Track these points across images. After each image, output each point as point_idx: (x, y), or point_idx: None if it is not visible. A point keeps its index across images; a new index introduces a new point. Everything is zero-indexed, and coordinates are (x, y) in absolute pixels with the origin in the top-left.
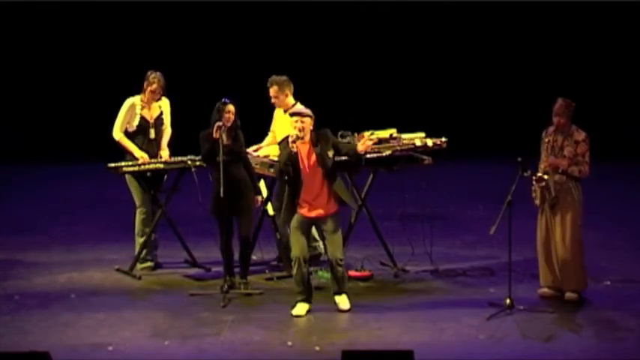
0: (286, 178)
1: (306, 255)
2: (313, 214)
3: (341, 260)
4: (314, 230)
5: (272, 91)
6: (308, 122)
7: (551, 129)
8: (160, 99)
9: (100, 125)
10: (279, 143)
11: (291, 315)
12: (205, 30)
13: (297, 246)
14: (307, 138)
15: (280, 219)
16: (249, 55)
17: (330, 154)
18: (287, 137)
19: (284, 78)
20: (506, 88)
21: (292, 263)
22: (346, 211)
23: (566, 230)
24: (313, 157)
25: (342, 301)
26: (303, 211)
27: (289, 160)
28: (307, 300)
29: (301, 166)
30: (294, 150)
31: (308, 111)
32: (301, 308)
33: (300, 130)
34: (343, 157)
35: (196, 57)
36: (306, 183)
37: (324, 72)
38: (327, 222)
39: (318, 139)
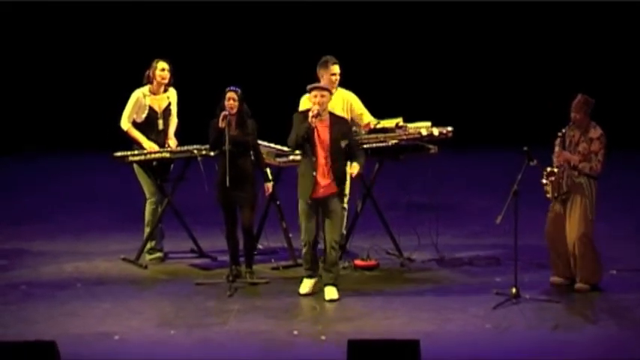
0: (301, 151)
1: (315, 239)
2: (319, 193)
3: (336, 243)
4: None
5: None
6: (327, 97)
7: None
8: (167, 89)
9: (109, 115)
10: (294, 114)
11: (298, 294)
12: (211, 18)
13: (307, 230)
14: (325, 115)
15: (300, 194)
16: (256, 45)
17: (343, 144)
18: (305, 111)
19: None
20: (512, 78)
21: (302, 246)
22: (352, 201)
23: (576, 225)
24: (327, 136)
25: (330, 292)
26: (314, 192)
27: (307, 134)
28: (313, 275)
29: (316, 142)
30: (313, 125)
31: (327, 85)
32: (307, 284)
33: (320, 105)
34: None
35: (203, 46)
36: (318, 159)
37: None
38: (329, 202)
39: (335, 121)
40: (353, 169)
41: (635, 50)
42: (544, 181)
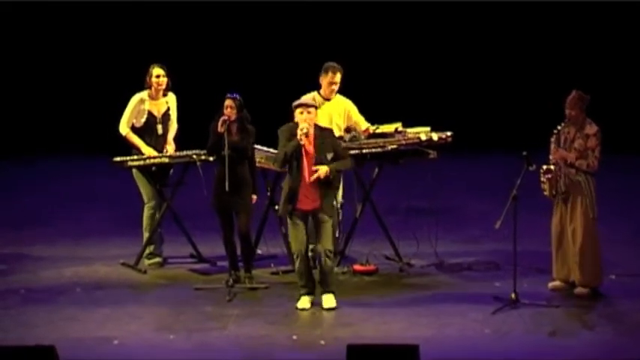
0: (287, 167)
1: (306, 248)
2: (309, 206)
3: (330, 252)
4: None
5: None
6: (314, 113)
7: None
8: (166, 94)
9: (108, 120)
10: (279, 130)
11: (296, 308)
12: (212, 22)
13: (297, 240)
14: (311, 130)
15: (280, 210)
16: (256, 49)
17: (329, 156)
18: (291, 126)
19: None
20: (511, 82)
21: (293, 257)
22: (351, 206)
23: (578, 224)
24: (312, 150)
25: (328, 301)
26: (300, 204)
27: (294, 151)
28: (311, 292)
29: (303, 158)
30: (302, 142)
31: (313, 101)
32: (305, 301)
33: (308, 122)
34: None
35: (203, 50)
36: (305, 174)
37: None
38: (317, 214)
39: (320, 135)
40: (321, 169)
41: (633, 55)
42: (542, 179)
